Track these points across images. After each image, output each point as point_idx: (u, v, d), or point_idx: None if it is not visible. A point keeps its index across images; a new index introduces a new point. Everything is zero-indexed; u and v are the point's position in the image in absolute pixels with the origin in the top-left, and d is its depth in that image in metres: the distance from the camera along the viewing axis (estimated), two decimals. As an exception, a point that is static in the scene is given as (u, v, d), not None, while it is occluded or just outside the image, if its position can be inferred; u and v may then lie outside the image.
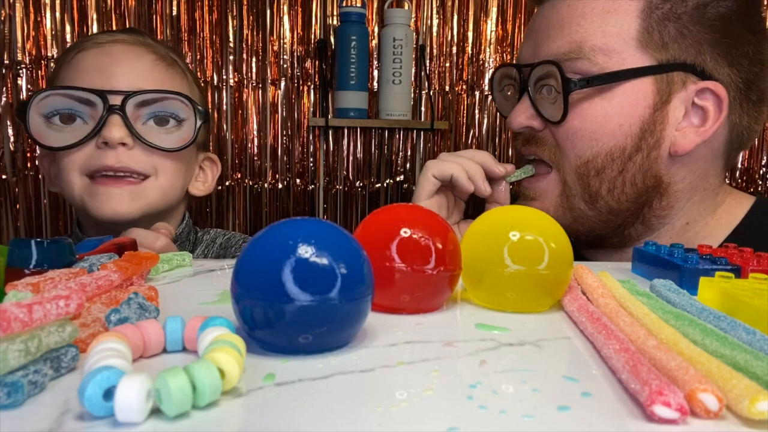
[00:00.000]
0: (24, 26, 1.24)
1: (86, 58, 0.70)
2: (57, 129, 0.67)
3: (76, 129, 0.67)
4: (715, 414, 0.23)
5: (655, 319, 0.32)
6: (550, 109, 0.64)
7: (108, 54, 0.70)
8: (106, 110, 0.66)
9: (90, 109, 0.67)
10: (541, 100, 0.65)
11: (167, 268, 0.48)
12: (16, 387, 0.22)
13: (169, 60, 0.74)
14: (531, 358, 0.30)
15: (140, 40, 0.73)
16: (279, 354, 0.29)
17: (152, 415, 0.22)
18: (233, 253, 0.81)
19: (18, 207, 1.28)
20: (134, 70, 0.69)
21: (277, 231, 0.30)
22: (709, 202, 0.67)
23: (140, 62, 0.71)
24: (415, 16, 1.37)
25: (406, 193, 1.41)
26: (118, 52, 0.70)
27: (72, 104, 0.67)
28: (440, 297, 0.38)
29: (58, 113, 0.67)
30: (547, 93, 0.65)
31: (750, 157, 1.44)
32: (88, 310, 0.31)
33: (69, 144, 0.66)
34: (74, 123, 0.67)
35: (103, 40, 0.72)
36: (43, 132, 0.67)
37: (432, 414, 0.23)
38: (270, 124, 1.35)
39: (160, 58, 0.73)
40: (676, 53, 0.61)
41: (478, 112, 1.41)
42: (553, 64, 0.62)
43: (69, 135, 0.67)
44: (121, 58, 0.70)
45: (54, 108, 0.67)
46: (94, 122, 0.66)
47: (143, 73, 0.70)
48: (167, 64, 0.73)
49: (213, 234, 0.84)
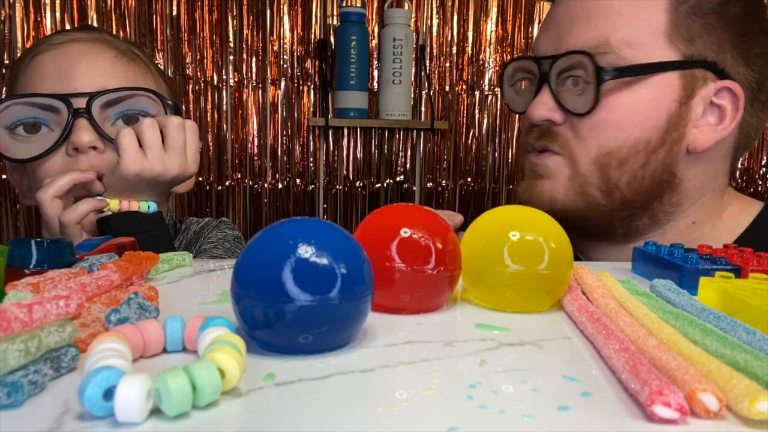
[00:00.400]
0: (24, 26, 1.24)
1: (43, 61, 0.67)
2: (22, 140, 0.64)
3: (42, 137, 0.64)
4: (715, 414, 0.23)
5: (655, 319, 0.32)
6: (575, 101, 0.64)
7: (66, 55, 0.67)
8: (72, 114, 0.63)
9: (54, 116, 0.64)
10: (564, 92, 0.65)
11: (167, 268, 0.48)
12: (16, 387, 0.22)
13: (131, 55, 0.71)
14: (531, 358, 0.30)
15: (97, 36, 0.70)
16: (279, 354, 0.29)
17: (152, 415, 0.22)
18: (207, 235, 0.80)
19: (18, 207, 1.28)
20: (95, 70, 0.66)
21: (277, 231, 0.30)
22: (716, 203, 0.68)
23: (100, 60, 0.67)
24: (415, 16, 1.37)
25: (406, 193, 1.41)
26: (76, 52, 0.67)
27: (35, 112, 0.64)
28: (440, 297, 0.38)
29: (22, 123, 0.64)
30: (573, 84, 0.64)
31: (750, 157, 1.45)
32: (88, 310, 0.31)
33: (37, 154, 0.63)
34: (39, 132, 0.64)
35: (58, 41, 0.68)
36: (8, 144, 0.64)
37: (432, 414, 0.23)
38: (270, 124, 1.35)
39: (121, 53, 0.70)
40: (701, 49, 0.62)
41: (478, 112, 1.41)
42: (584, 54, 0.62)
43: (35, 145, 0.64)
44: (80, 58, 0.67)
45: (16, 118, 0.64)
46: (60, 128, 0.63)
47: (105, 71, 0.67)
48: (129, 59, 0.70)
49: (188, 222, 0.83)
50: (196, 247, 0.79)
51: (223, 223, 0.84)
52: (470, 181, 1.43)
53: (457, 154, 1.42)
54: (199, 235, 0.81)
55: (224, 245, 0.79)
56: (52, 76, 0.66)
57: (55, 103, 0.63)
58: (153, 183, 0.62)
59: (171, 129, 0.61)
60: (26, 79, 0.68)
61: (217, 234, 0.81)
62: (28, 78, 0.68)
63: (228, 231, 0.82)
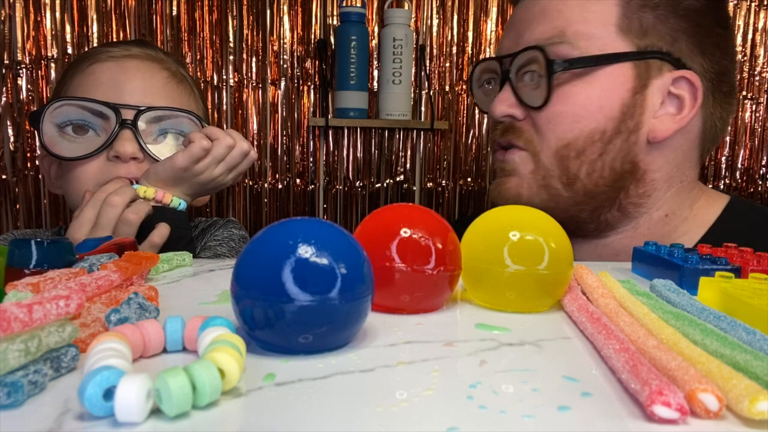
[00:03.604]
0: (24, 26, 1.24)
1: (101, 70, 0.72)
2: (69, 139, 0.69)
3: (88, 140, 0.69)
4: (715, 414, 0.23)
5: (655, 319, 0.32)
6: (532, 95, 0.66)
7: (122, 68, 0.72)
8: (119, 124, 0.67)
9: (102, 122, 0.68)
10: (523, 87, 0.67)
11: (167, 268, 0.48)
12: (16, 387, 0.22)
13: (180, 77, 0.76)
14: (531, 358, 0.30)
15: (152, 55, 0.76)
16: (279, 354, 0.29)
17: (152, 415, 0.22)
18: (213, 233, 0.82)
19: (18, 207, 1.28)
20: (147, 87, 0.71)
21: (277, 231, 0.30)
22: (685, 195, 0.69)
23: (153, 79, 0.73)
24: (415, 16, 1.37)
25: (406, 193, 1.41)
26: (132, 67, 0.72)
27: (85, 115, 0.68)
28: (440, 297, 0.38)
29: (72, 123, 0.69)
30: (530, 79, 0.66)
31: (750, 157, 1.45)
32: (88, 310, 0.31)
33: (81, 155, 0.67)
34: (87, 134, 0.69)
35: (117, 53, 0.73)
36: (55, 141, 0.68)
37: (432, 414, 0.23)
38: (270, 124, 1.35)
39: (172, 75, 0.75)
40: (654, 40, 0.63)
41: (478, 112, 1.41)
42: (536, 48, 0.64)
43: (81, 146, 0.68)
44: (135, 74, 0.72)
45: (68, 118, 0.68)
46: (105, 135, 0.68)
47: (155, 89, 0.72)
48: (178, 81, 0.75)
49: (197, 221, 0.87)
50: (201, 243, 0.80)
51: (230, 222, 0.86)
52: (470, 181, 1.43)
53: (457, 154, 1.42)
54: (206, 232, 0.83)
55: (229, 243, 0.80)
56: (106, 84, 0.70)
57: (106, 111, 0.68)
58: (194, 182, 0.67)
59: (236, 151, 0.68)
60: (81, 82, 0.72)
61: (223, 232, 0.82)
62: (83, 81, 0.72)
63: (234, 230, 0.84)
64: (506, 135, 0.68)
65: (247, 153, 0.68)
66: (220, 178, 0.68)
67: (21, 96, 1.25)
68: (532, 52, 0.64)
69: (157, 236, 0.62)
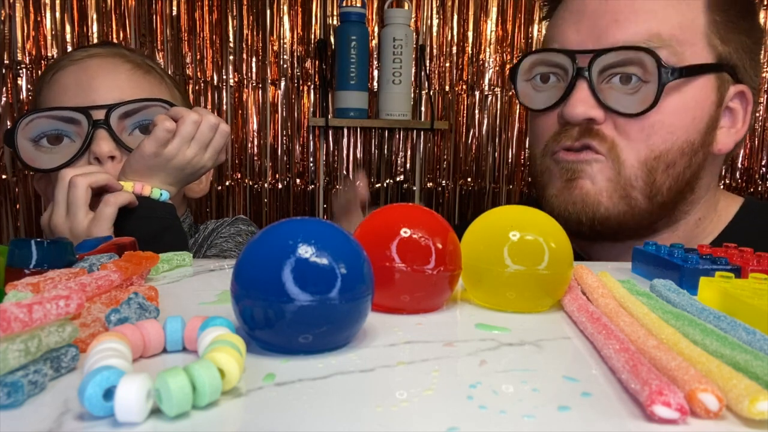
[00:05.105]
0: (24, 26, 1.24)
1: (64, 76, 0.71)
2: (46, 150, 0.68)
3: (64, 148, 0.68)
4: (715, 414, 0.23)
5: (655, 319, 0.32)
6: (625, 100, 0.60)
7: (85, 70, 0.71)
8: (91, 126, 0.66)
9: (75, 127, 0.68)
10: (608, 89, 0.61)
11: (167, 268, 0.48)
12: (16, 387, 0.22)
13: (146, 67, 0.75)
14: (531, 358, 0.30)
15: (115, 51, 0.74)
16: (279, 354, 0.29)
17: (152, 415, 0.22)
18: (220, 231, 0.82)
19: (18, 207, 1.28)
20: (113, 83, 0.70)
21: (277, 231, 0.30)
22: (713, 199, 0.69)
23: (117, 73, 0.71)
24: (415, 16, 1.37)
25: (406, 193, 1.41)
26: (95, 66, 0.71)
27: (57, 124, 0.67)
28: (440, 297, 0.38)
29: (45, 135, 0.68)
30: (622, 82, 0.60)
31: (750, 157, 1.44)
32: (88, 310, 0.31)
33: (60, 164, 0.66)
34: (62, 143, 0.68)
35: (78, 56, 0.72)
36: (33, 155, 0.68)
37: (432, 414, 0.23)
38: (270, 124, 1.35)
39: (136, 66, 0.73)
40: (729, 53, 0.62)
41: (478, 112, 1.41)
42: (642, 50, 0.59)
43: (58, 155, 0.68)
44: (98, 72, 0.70)
45: (40, 131, 0.68)
46: (81, 139, 0.67)
47: (121, 83, 0.71)
48: (144, 72, 0.74)
49: (207, 223, 0.86)
50: (208, 242, 0.80)
51: (239, 219, 0.86)
52: (470, 181, 1.43)
53: (457, 154, 1.42)
54: (213, 232, 0.83)
55: (236, 239, 0.80)
56: (72, 89, 0.70)
57: (75, 116, 0.67)
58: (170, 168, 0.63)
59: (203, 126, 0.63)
60: (49, 94, 0.71)
61: (230, 229, 0.82)
62: (50, 92, 0.71)
63: (242, 226, 0.83)
64: (584, 138, 0.62)
65: (216, 126, 0.64)
66: (196, 159, 0.64)
67: (21, 96, 1.25)
68: (636, 53, 0.59)
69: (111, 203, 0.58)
